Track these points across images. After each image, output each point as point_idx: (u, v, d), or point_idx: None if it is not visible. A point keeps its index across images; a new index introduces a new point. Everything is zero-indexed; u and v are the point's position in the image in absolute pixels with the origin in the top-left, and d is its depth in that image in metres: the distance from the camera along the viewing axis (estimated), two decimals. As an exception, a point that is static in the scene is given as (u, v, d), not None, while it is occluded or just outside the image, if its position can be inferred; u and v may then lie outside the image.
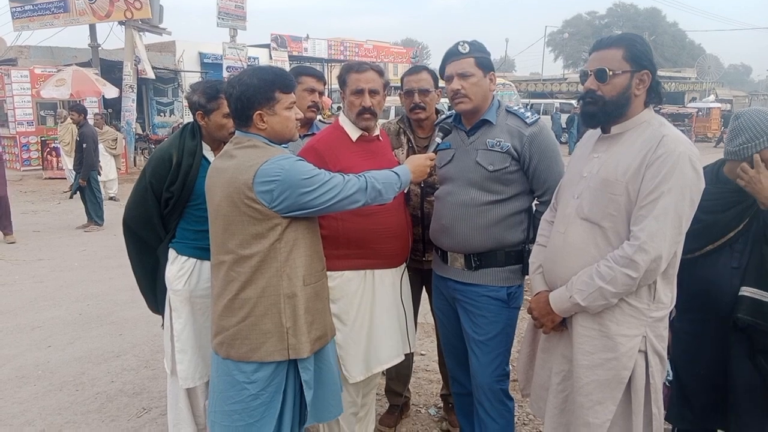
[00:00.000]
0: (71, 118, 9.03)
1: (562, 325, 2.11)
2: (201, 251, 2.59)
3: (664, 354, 2.04)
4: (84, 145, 8.77)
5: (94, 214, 8.99)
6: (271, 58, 21.99)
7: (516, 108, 2.55)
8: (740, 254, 2.29)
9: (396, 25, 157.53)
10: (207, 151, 2.71)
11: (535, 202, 2.54)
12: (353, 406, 2.66)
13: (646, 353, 1.97)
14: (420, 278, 3.07)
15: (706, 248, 2.33)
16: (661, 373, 2.04)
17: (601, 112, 2.02)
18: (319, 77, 3.08)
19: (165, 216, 2.69)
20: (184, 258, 2.68)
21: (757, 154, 2.21)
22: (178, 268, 2.68)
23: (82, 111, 9.13)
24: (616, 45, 1.98)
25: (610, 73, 1.96)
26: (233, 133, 2.20)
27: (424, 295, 3.20)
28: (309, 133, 3.03)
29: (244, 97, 2.05)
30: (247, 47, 19.82)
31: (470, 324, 2.56)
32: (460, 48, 2.43)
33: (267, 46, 22.60)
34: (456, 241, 2.52)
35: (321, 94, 3.09)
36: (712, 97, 34.26)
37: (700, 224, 2.18)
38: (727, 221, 2.31)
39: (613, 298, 1.93)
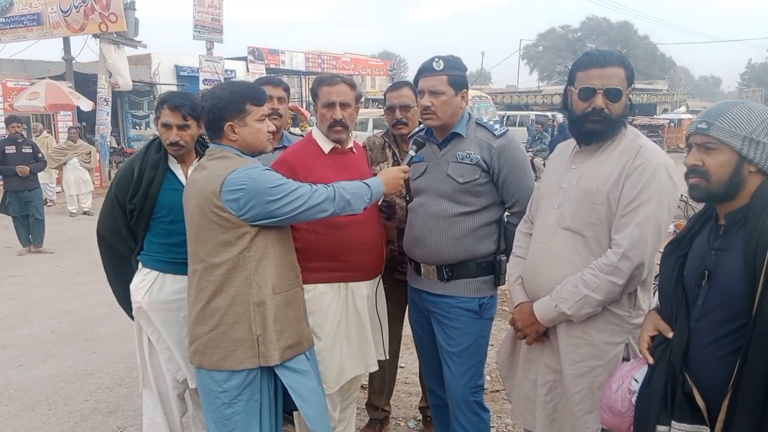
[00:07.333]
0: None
1: (543, 335, 2.14)
2: (165, 264, 2.61)
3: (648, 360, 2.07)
4: (39, 154, 8.36)
5: (43, 233, 8.29)
6: (248, 70, 21.89)
7: (485, 121, 2.58)
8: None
9: (373, 38, 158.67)
10: (173, 164, 2.69)
11: (507, 213, 2.57)
12: (330, 420, 2.64)
13: (628, 360, 2.00)
14: (404, 290, 3.07)
15: None
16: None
17: (609, 130, 2.02)
18: (276, 83, 3.04)
19: (132, 227, 2.69)
20: (147, 270, 2.68)
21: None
22: (139, 280, 2.68)
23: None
24: (618, 64, 2.00)
25: (624, 92, 1.99)
26: (204, 144, 2.23)
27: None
28: (280, 146, 2.99)
29: (216, 109, 2.12)
30: (224, 60, 19.72)
31: (443, 335, 2.57)
32: (434, 65, 2.43)
33: (244, 58, 22.50)
34: (428, 252, 2.54)
35: (281, 99, 3.01)
36: (683, 109, 34.86)
37: None
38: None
39: (599, 306, 1.97)
